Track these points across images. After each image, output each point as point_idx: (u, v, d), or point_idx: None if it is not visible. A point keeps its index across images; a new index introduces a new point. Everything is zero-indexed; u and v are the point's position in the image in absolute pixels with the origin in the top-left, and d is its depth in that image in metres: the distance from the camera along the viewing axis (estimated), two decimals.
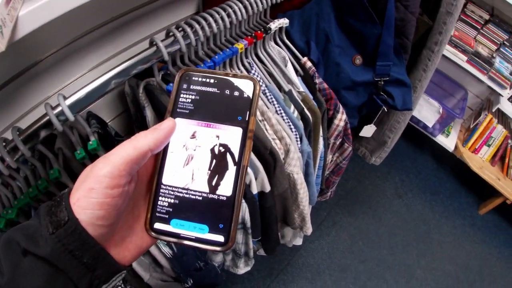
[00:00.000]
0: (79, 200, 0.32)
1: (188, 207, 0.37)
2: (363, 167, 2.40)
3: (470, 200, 2.42)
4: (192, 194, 0.38)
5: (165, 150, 0.38)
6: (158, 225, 0.37)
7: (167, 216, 0.37)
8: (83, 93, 0.66)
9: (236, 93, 0.39)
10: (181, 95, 0.39)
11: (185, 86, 0.40)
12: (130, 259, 0.37)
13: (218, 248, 0.36)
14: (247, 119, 0.38)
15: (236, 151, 0.38)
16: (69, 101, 0.64)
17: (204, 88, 0.39)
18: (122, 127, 1.21)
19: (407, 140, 2.56)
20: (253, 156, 0.85)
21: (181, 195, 0.38)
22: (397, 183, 2.39)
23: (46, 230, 0.31)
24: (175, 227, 0.37)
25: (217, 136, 0.38)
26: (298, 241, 1.42)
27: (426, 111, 2.18)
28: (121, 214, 0.35)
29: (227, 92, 0.39)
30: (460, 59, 2.02)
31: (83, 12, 0.83)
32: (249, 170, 0.84)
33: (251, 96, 0.39)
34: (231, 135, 0.38)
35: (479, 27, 2.04)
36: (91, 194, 0.32)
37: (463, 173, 2.43)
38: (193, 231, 0.37)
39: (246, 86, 0.39)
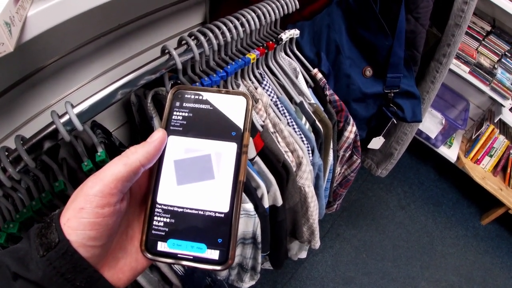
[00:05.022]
0: (70, 221, 0.31)
1: (185, 226, 0.36)
2: (366, 178, 2.40)
3: (473, 210, 2.42)
4: (189, 212, 0.37)
5: (158, 167, 0.38)
6: (154, 246, 0.36)
7: (163, 236, 0.36)
8: (88, 104, 0.64)
9: (229, 109, 0.39)
10: (174, 113, 0.39)
11: (178, 104, 0.39)
12: (125, 282, 0.35)
13: (217, 267, 0.35)
14: (241, 134, 0.38)
15: (231, 166, 0.37)
16: (76, 110, 0.62)
17: (197, 105, 0.39)
18: (126, 137, 1.19)
19: (409, 152, 2.53)
20: (265, 169, 0.83)
21: (177, 213, 0.37)
22: (400, 195, 2.38)
23: (36, 252, 0.30)
24: (172, 247, 0.36)
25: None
26: (303, 254, 1.40)
27: (429, 122, 2.18)
28: (113, 234, 0.34)
29: (220, 108, 0.39)
30: (463, 70, 2.02)
31: (89, 18, 0.81)
32: (261, 183, 0.82)
33: (244, 112, 0.39)
34: (226, 151, 0.38)
35: (481, 38, 2.05)
36: (81, 214, 0.30)
37: (465, 184, 2.43)
38: (191, 251, 0.36)
39: (238, 102, 0.39)
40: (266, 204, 0.86)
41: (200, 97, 0.39)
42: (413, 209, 2.32)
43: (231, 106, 0.39)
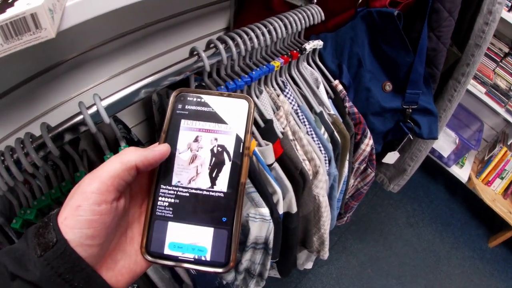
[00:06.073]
0: (67, 219, 0.31)
1: (186, 228, 0.36)
2: (376, 193, 2.39)
3: (481, 232, 2.39)
4: (190, 215, 0.37)
5: (160, 168, 0.38)
6: (154, 248, 0.36)
7: (164, 239, 0.36)
8: (114, 99, 0.65)
9: (231, 112, 0.39)
10: (176, 116, 0.39)
11: (180, 106, 0.39)
12: (123, 284, 0.35)
13: (219, 270, 0.35)
14: (243, 137, 0.38)
15: (234, 168, 0.38)
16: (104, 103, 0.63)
17: (199, 108, 0.39)
18: (144, 135, 1.20)
19: (421, 169, 2.51)
20: (283, 175, 0.84)
21: (178, 215, 0.37)
22: (409, 212, 2.36)
23: (34, 252, 0.30)
24: (173, 249, 0.36)
25: (215, 150, 0.38)
26: (309, 265, 1.39)
27: (443, 141, 2.18)
28: (111, 233, 0.34)
29: (222, 111, 0.39)
30: (479, 90, 2.02)
31: (118, 15, 0.83)
32: (278, 189, 0.82)
33: (246, 115, 0.39)
34: (227, 153, 0.38)
35: (499, 60, 2.05)
36: (78, 212, 0.31)
37: (475, 205, 2.41)
38: (192, 253, 0.36)
39: (240, 105, 0.39)
40: (281, 210, 0.86)
41: (202, 100, 0.39)
42: (421, 227, 2.30)
43: (233, 108, 0.39)
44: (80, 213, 0.30)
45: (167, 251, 0.36)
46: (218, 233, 0.36)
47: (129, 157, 0.34)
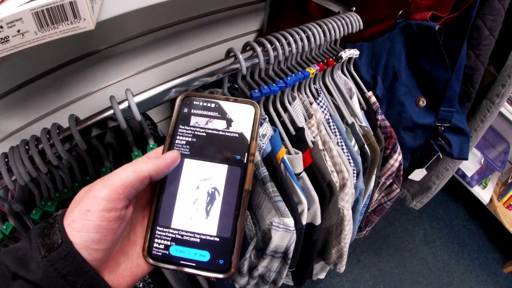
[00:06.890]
0: (74, 222, 0.31)
1: (189, 233, 0.36)
2: (395, 208, 2.35)
3: (497, 256, 2.32)
4: (193, 219, 0.37)
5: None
6: (156, 252, 0.36)
7: (166, 242, 0.36)
8: (145, 97, 0.64)
9: (237, 118, 0.39)
10: (182, 120, 0.39)
11: (186, 110, 0.39)
12: (124, 286, 0.35)
13: (220, 275, 0.35)
14: (248, 143, 0.38)
15: (237, 175, 0.38)
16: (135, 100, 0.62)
17: (205, 112, 0.39)
18: (167, 131, 1.20)
19: (442, 187, 2.48)
20: (310, 186, 0.82)
21: (181, 220, 0.37)
22: (427, 230, 2.32)
23: (37, 253, 0.30)
24: (175, 253, 0.36)
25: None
26: (322, 275, 1.37)
27: (468, 160, 2.12)
28: (117, 240, 0.34)
29: (228, 116, 0.39)
30: (508, 111, 1.96)
31: (153, 9, 0.82)
32: (303, 199, 0.80)
33: (252, 120, 0.39)
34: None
35: None
36: (87, 216, 0.30)
37: (493, 228, 2.35)
38: (193, 258, 0.36)
39: (247, 111, 0.39)
40: (304, 221, 0.84)
41: (209, 105, 0.39)
42: (437, 246, 2.25)
43: (240, 114, 0.39)
44: (89, 218, 0.31)
45: (169, 255, 0.36)
46: (220, 238, 0.36)
47: (143, 167, 0.34)
